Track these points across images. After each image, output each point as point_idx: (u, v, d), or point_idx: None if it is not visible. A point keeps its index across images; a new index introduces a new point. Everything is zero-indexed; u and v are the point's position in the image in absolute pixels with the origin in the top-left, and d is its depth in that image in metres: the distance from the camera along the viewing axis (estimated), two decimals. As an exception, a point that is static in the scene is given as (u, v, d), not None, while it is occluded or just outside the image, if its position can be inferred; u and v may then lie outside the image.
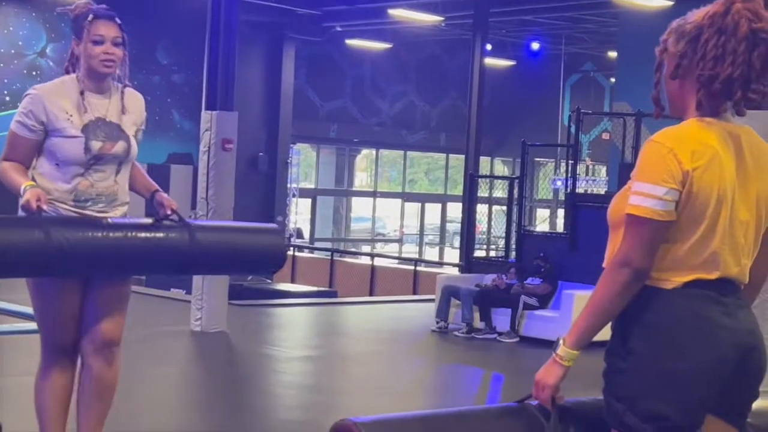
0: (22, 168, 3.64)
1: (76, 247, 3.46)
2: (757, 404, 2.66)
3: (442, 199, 28.79)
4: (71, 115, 3.62)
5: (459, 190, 22.69)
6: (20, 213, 3.58)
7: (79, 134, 3.61)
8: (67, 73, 3.72)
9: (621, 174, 12.27)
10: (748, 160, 2.58)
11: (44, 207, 3.50)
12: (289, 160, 22.88)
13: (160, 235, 3.66)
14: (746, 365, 2.54)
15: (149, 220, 3.73)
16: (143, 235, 3.63)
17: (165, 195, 3.81)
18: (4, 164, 3.67)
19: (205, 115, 10.47)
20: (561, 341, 2.58)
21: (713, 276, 2.54)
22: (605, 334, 2.63)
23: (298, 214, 24.69)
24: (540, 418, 2.58)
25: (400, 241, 28.56)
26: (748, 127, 2.64)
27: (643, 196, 2.48)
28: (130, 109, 3.76)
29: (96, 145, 3.63)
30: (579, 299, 10.24)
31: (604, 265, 2.62)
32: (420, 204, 28.88)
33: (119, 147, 3.69)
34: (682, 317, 2.50)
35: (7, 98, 19.55)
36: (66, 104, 3.63)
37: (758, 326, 2.61)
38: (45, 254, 3.42)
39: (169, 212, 3.74)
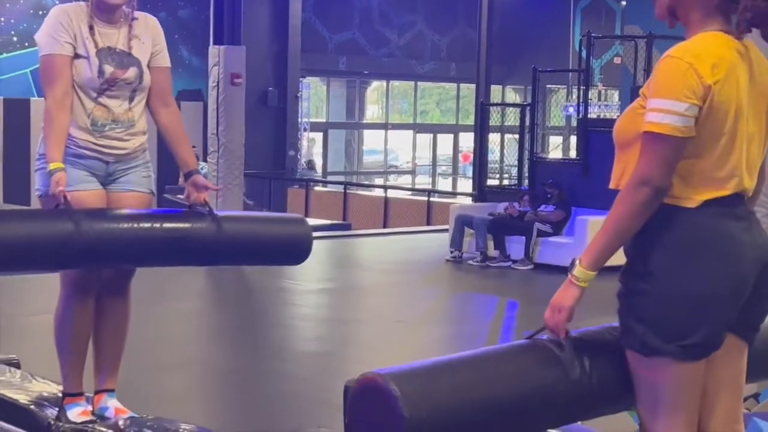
0: (63, 130, 3.55)
1: (102, 238, 3.44)
2: None
3: (454, 130, 28.66)
4: (89, 40, 3.61)
5: (471, 120, 22.56)
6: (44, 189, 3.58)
7: (93, 56, 3.61)
8: None
9: (633, 98, 12.15)
10: (756, 74, 2.55)
11: (67, 197, 3.47)
12: (299, 95, 22.76)
13: (187, 225, 3.64)
14: (764, 280, 2.53)
15: (176, 210, 3.77)
16: (169, 226, 3.60)
17: (201, 179, 3.77)
18: (51, 111, 3.57)
19: (213, 50, 10.42)
20: (577, 262, 2.53)
21: (729, 191, 2.50)
22: (616, 259, 2.60)
23: (310, 148, 24.63)
24: (554, 350, 2.52)
25: (412, 172, 28.52)
26: (750, 41, 2.59)
27: (663, 112, 2.42)
28: (141, 37, 3.72)
29: (108, 69, 3.62)
30: (593, 225, 10.23)
31: (611, 186, 2.59)
32: (432, 135, 28.77)
33: (131, 73, 3.67)
34: (705, 236, 2.47)
35: (14, 39, 19.46)
36: (85, 28, 3.62)
37: None
38: (69, 247, 3.39)
39: (201, 200, 3.73)
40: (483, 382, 2.41)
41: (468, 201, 15.76)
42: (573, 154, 13.81)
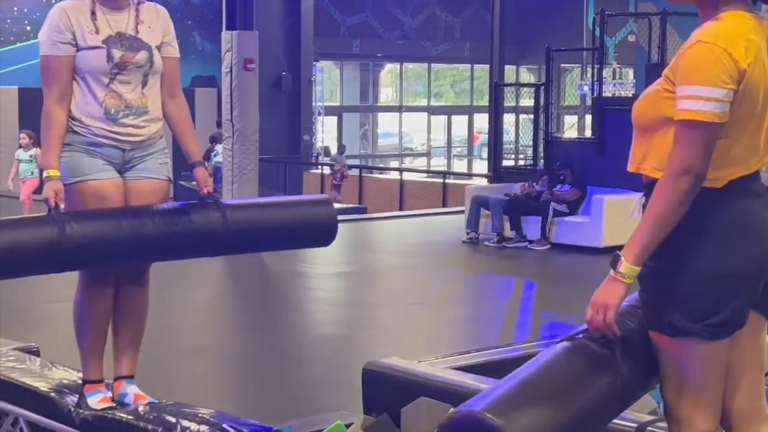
0: (59, 133, 3.60)
1: (95, 242, 3.46)
2: None
3: (469, 111, 28.60)
4: (92, 30, 3.62)
5: (485, 101, 22.50)
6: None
7: (100, 45, 3.62)
8: None
9: (648, 75, 12.09)
10: None
11: (61, 205, 3.52)
12: (312, 79, 22.75)
13: (196, 219, 3.64)
14: None
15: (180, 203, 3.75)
16: (174, 221, 3.61)
17: (203, 172, 3.80)
18: (49, 111, 3.62)
19: (226, 36, 10.41)
20: (621, 257, 2.46)
21: (752, 170, 2.50)
22: (618, 238, 2.55)
23: (325, 132, 24.63)
24: (599, 350, 2.48)
25: (427, 154, 28.49)
26: (764, 18, 2.56)
27: (703, 99, 2.38)
28: (148, 22, 3.73)
29: (117, 53, 3.63)
30: (609, 204, 10.20)
31: (630, 169, 2.57)
32: (446, 116, 28.72)
33: (141, 56, 3.67)
34: (731, 214, 2.45)
35: (28, 28, 19.51)
36: (86, 20, 3.63)
37: None
38: (60, 251, 3.40)
39: (205, 192, 3.75)
40: (563, 400, 2.40)
41: (483, 182, 15.73)
42: (588, 133, 13.77)
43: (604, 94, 12.29)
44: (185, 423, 3.43)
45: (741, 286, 2.44)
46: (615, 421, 3.48)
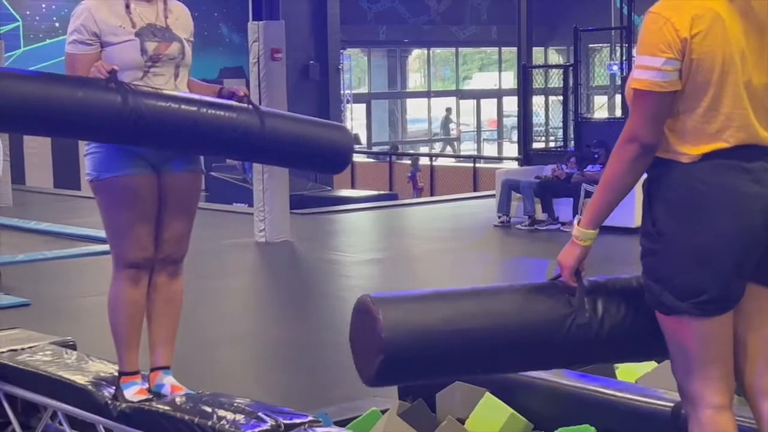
0: None
1: (153, 114, 3.44)
2: None
3: (498, 94, 28.48)
4: (122, 25, 3.60)
5: (514, 84, 22.41)
6: None
7: (133, 38, 3.60)
8: None
9: (678, 53, 12.01)
10: (762, 19, 2.50)
11: (115, 67, 3.49)
12: (340, 66, 22.74)
13: (233, 115, 3.62)
14: None
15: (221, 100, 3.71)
16: (216, 112, 3.59)
17: (230, 87, 3.83)
18: None
19: (252, 26, 10.42)
20: (576, 222, 2.63)
21: (731, 143, 2.46)
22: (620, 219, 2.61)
23: (354, 120, 24.63)
24: (565, 294, 2.64)
25: (457, 139, 28.41)
26: None
27: (643, 68, 2.46)
28: (176, 14, 3.74)
29: (151, 45, 3.61)
30: (640, 183, 10.11)
31: None
32: (475, 101, 28.62)
33: (174, 48, 3.67)
34: (703, 190, 2.45)
35: (57, 24, 19.63)
36: (114, 17, 3.61)
37: None
38: (122, 118, 3.40)
39: (242, 94, 3.73)
40: (467, 312, 2.59)
41: (514, 165, 15.68)
42: (618, 113, 13.67)
43: (633, 73, 12.21)
44: (221, 413, 3.44)
45: (720, 262, 2.44)
46: (651, 401, 3.46)
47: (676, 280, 2.47)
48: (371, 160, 21.61)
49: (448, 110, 27.69)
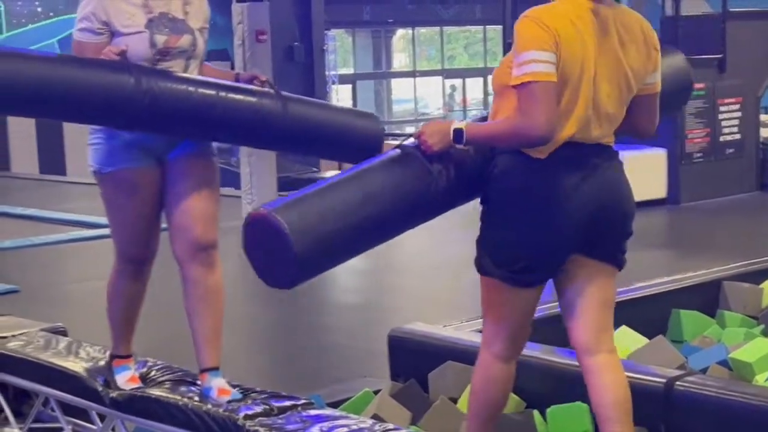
0: None
1: (168, 96, 3.29)
2: None
3: (483, 73, 28.46)
4: (133, 14, 3.48)
5: (499, 62, 22.38)
6: None
7: (142, 29, 3.46)
8: None
9: (662, 29, 11.97)
10: (615, 40, 2.89)
11: (125, 48, 3.36)
12: (325, 47, 22.68)
13: (253, 99, 3.46)
14: (601, 219, 2.92)
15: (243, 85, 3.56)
16: (236, 96, 3.44)
17: (248, 73, 3.70)
18: None
19: (236, 8, 10.38)
20: (465, 126, 2.98)
21: (575, 139, 2.89)
22: (653, 192, 2.77)
23: (340, 101, 24.58)
24: (422, 161, 3.09)
25: (444, 119, 28.41)
26: (623, 8, 2.95)
27: (534, 63, 2.81)
28: (197, 3, 3.64)
29: (161, 39, 3.47)
30: (627, 160, 10.12)
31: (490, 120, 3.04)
32: (461, 80, 28.60)
33: (184, 40, 3.54)
34: (525, 184, 2.90)
35: (39, 9, 19.51)
36: (125, 4, 3.47)
37: (621, 182, 3.03)
38: (135, 101, 3.25)
39: (263, 79, 3.61)
40: (352, 201, 3.07)
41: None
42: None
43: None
44: (214, 396, 3.44)
45: (526, 250, 2.92)
46: (642, 376, 3.49)
47: (491, 251, 3.00)
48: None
49: (453, 87, 27.72)
